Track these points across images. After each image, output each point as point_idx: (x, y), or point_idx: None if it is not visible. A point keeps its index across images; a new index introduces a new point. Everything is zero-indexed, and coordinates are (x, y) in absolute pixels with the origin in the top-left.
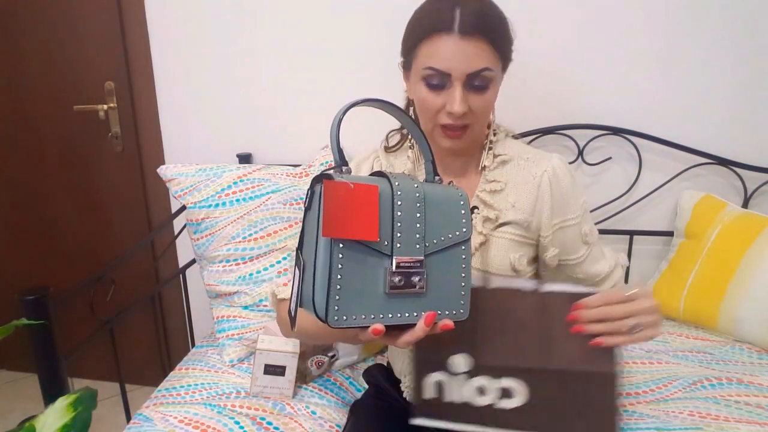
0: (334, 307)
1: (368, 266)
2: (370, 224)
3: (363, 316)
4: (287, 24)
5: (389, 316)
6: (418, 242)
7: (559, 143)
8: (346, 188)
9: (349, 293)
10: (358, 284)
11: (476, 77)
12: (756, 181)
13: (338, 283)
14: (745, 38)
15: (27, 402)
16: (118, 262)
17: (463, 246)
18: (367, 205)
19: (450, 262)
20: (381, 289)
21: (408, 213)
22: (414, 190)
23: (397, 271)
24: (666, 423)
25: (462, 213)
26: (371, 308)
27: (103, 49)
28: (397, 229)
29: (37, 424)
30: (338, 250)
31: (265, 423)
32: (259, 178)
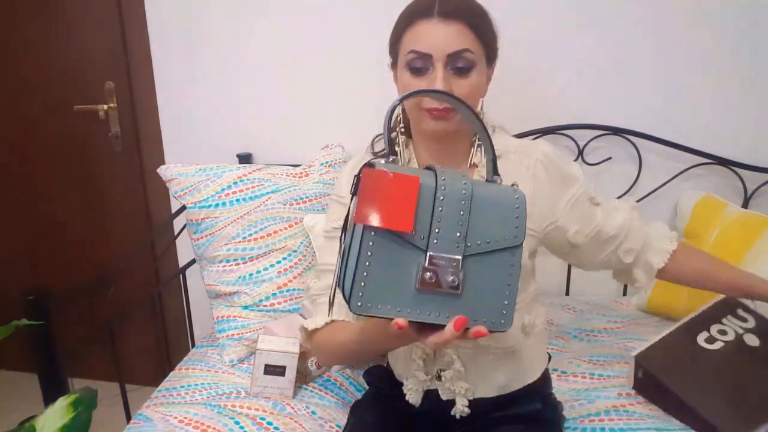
0: (359, 293)
1: (401, 259)
2: (405, 215)
3: (388, 307)
4: (287, 24)
5: (417, 313)
6: (458, 241)
7: (559, 143)
8: (385, 177)
9: (377, 282)
10: (388, 274)
11: (457, 58)
12: (756, 181)
13: (366, 270)
14: (745, 38)
15: (27, 402)
16: (118, 263)
17: (513, 253)
18: (406, 196)
19: (495, 267)
20: (412, 284)
21: (450, 210)
22: (461, 187)
23: (430, 268)
24: (666, 423)
25: (516, 218)
26: (398, 301)
27: (103, 49)
28: (435, 225)
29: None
30: (369, 238)
31: (265, 423)
32: (259, 178)
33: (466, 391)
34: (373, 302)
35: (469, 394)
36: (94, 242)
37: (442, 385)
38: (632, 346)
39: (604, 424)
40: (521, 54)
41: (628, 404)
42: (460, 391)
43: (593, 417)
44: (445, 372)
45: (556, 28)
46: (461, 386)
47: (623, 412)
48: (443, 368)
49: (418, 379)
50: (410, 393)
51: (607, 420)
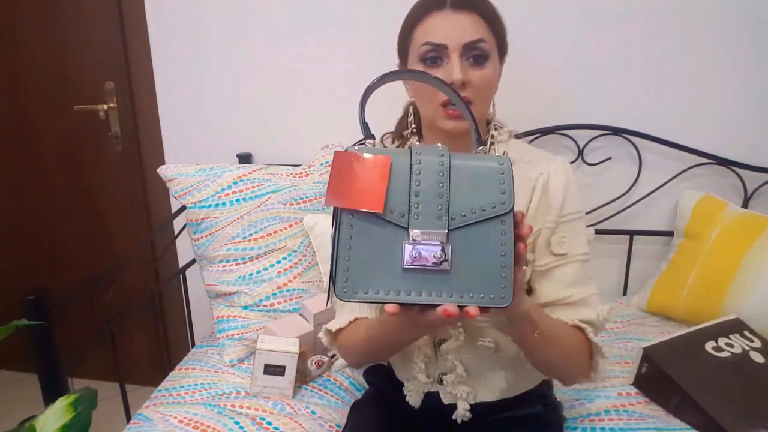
0: (343, 278)
1: (384, 239)
2: (376, 195)
3: (377, 291)
4: (287, 24)
5: (407, 295)
6: (440, 215)
7: (559, 143)
8: (357, 159)
9: (361, 265)
10: (372, 257)
11: (473, 48)
12: (756, 181)
13: (347, 254)
14: (745, 38)
15: (27, 402)
16: (118, 262)
17: (503, 220)
18: (377, 176)
19: (485, 238)
20: (398, 265)
21: (429, 184)
22: (438, 160)
23: (413, 245)
24: (666, 423)
25: (501, 184)
26: (386, 284)
27: (103, 49)
28: (414, 201)
29: (37, 424)
30: (347, 221)
31: (265, 423)
32: (259, 178)
33: (468, 396)
34: (360, 287)
35: (471, 398)
36: (94, 242)
37: (444, 389)
38: (632, 346)
39: (604, 423)
40: (521, 54)
41: (629, 404)
42: (462, 395)
43: (593, 417)
44: (446, 376)
45: (555, 28)
46: (463, 390)
47: (623, 412)
48: (445, 372)
49: (419, 381)
50: (411, 395)
51: (607, 420)
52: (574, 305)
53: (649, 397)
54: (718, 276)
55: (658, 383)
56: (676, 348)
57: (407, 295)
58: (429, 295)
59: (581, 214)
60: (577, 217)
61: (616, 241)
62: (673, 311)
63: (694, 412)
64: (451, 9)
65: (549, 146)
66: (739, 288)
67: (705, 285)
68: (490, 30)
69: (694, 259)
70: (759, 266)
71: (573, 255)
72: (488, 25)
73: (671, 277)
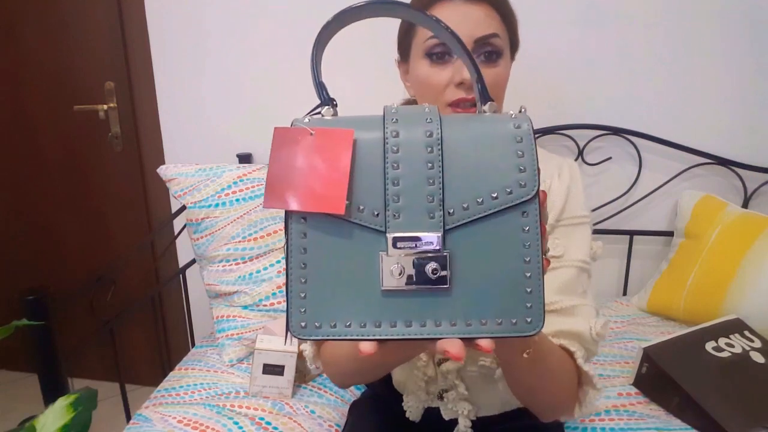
0: (299, 309)
1: (354, 250)
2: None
3: (347, 324)
4: (287, 24)
5: (391, 327)
6: (431, 209)
7: (559, 143)
8: (304, 137)
9: (323, 290)
10: (337, 277)
11: (485, 44)
12: (756, 181)
13: (302, 275)
14: (745, 38)
15: (27, 402)
16: (118, 262)
17: (525, 210)
18: (334, 160)
19: (498, 237)
20: (375, 286)
21: (412, 165)
22: (423, 129)
23: (395, 256)
24: (666, 423)
25: (518, 156)
26: (360, 313)
27: (103, 49)
28: (393, 192)
29: (37, 424)
30: (299, 229)
31: (264, 423)
32: (259, 178)
33: (469, 413)
34: (323, 319)
35: (472, 414)
36: (94, 242)
37: (444, 405)
38: (632, 346)
39: (604, 423)
40: (521, 53)
41: (629, 404)
42: (463, 413)
43: (593, 417)
44: (447, 393)
45: (555, 28)
46: (464, 407)
47: (623, 412)
48: (446, 389)
49: (418, 398)
50: (410, 410)
51: (607, 420)
52: (560, 313)
53: (649, 397)
54: (718, 276)
55: (658, 383)
56: (676, 348)
57: (390, 326)
58: (422, 325)
59: (585, 219)
60: (580, 222)
61: (616, 241)
62: (673, 311)
63: (694, 412)
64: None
65: (549, 146)
66: (739, 288)
67: (705, 285)
68: (504, 24)
69: (694, 259)
70: (759, 266)
71: (568, 260)
72: (501, 18)
73: (671, 277)
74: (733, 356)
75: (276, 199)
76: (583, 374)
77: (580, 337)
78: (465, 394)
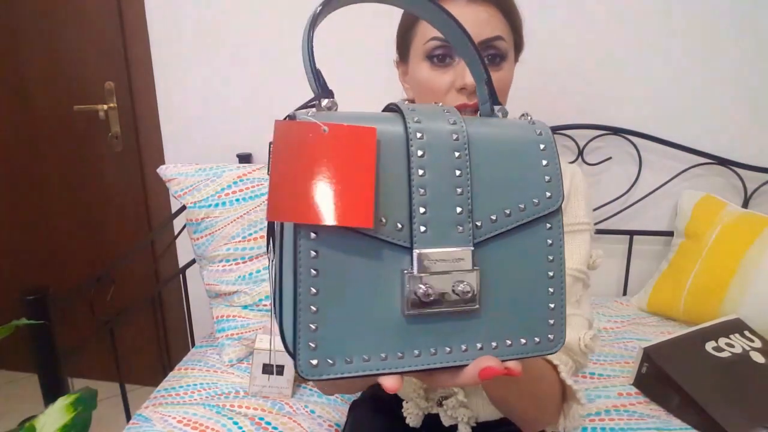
0: (309, 344)
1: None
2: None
3: (365, 359)
4: (287, 24)
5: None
6: (460, 222)
7: (559, 143)
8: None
9: (337, 320)
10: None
11: (489, 46)
12: (756, 181)
13: (313, 303)
14: (745, 38)
15: (27, 402)
16: (118, 262)
17: (549, 223)
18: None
19: (524, 252)
20: (396, 309)
21: (439, 171)
22: (449, 129)
23: (422, 276)
24: (666, 423)
25: (543, 165)
26: (379, 344)
27: (103, 49)
28: (419, 202)
29: (37, 424)
30: (308, 247)
31: (264, 423)
32: (259, 177)
33: (469, 419)
34: (337, 354)
35: (472, 421)
36: (94, 242)
37: (444, 412)
38: (632, 346)
39: (604, 423)
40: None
41: (629, 404)
42: (463, 419)
43: (593, 417)
44: (447, 400)
45: (555, 29)
46: (464, 414)
47: (624, 412)
48: (445, 396)
49: (417, 405)
50: (410, 417)
51: (607, 420)
52: None
53: (649, 397)
54: (718, 276)
55: (658, 383)
56: (676, 348)
57: (414, 356)
58: (448, 352)
59: (585, 227)
60: (579, 229)
61: (616, 241)
62: (673, 311)
63: (694, 412)
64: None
65: None
66: (739, 288)
67: (705, 285)
68: (509, 25)
69: (694, 259)
70: (759, 266)
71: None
72: (506, 19)
73: (671, 277)
74: (733, 356)
75: (284, 211)
76: (567, 389)
77: (568, 349)
78: (464, 401)
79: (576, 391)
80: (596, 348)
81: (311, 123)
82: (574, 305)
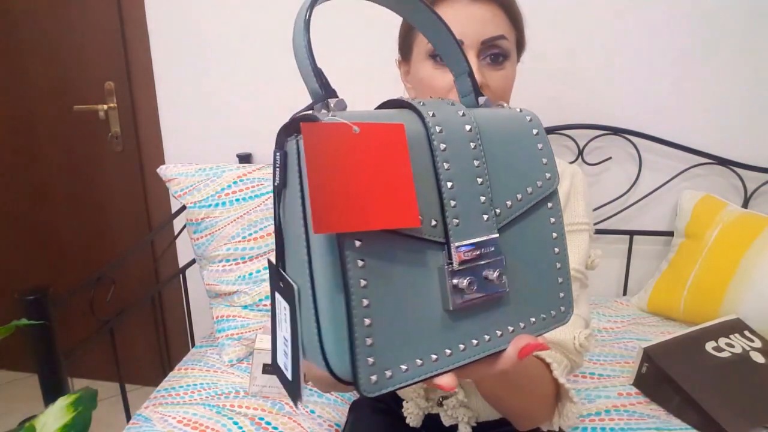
0: (367, 360)
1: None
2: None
3: (419, 362)
4: (287, 24)
5: (460, 351)
6: (485, 210)
7: (559, 143)
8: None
9: (390, 330)
10: (401, 308)
11: (492, 46)
12: (756, 181)
13: (366, 315)
14: (745, 38)
15: (27, 402)
16: (118, 262)
17: (550, 203)
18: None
19: (535, 232)
20: (437, 306)
21: (461, 164)
22: (461, 121)
23: (462, 269)
24: (666, 423)
25: (539, 147)
26: (430, 344)
27: (103, 49)
28: (448, 196)
29: (37, 424)
30: (355, 255)
31: (264, 423)
32: (259, 177)
33: (469, 419)
34: (393, 365)
35: (472, 421)
36: (94, 242)
37: (444, 411)
38: (632, 346)
39: (604, 423)
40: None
41: (629, 404)
42: (463, 419)
43: (593, 417)
44: (447, 400)
45: (554, 29)
46: (464, 414)
47: (624, 412)
48: (445, 396)
49: (417, 405)
50: (410, 417)
51: (607, 420)
52: None
53: (649, 397)
54: (718, 276)
55: (658, 383)
56: (676, 348)
57: (461, 351)
58: (488, 340)
59: (583, 227)
60: (578, 228)
61: (616, 241)
62: (673, 311)
63: (694, 412)
64: None
65: None
66: (739, 288)
67: (705, 285)
68: (511, 24)
69: (694, 259)
70: (759, 266)
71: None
72: (509, 18)
73: (671, 277)
74: (733, 356)
75: (335, 221)
76: (561, 388)
77: (563, 347)
78: (464, 401)
79: (568, 389)
80: (591, 347)
81: (340, 124)
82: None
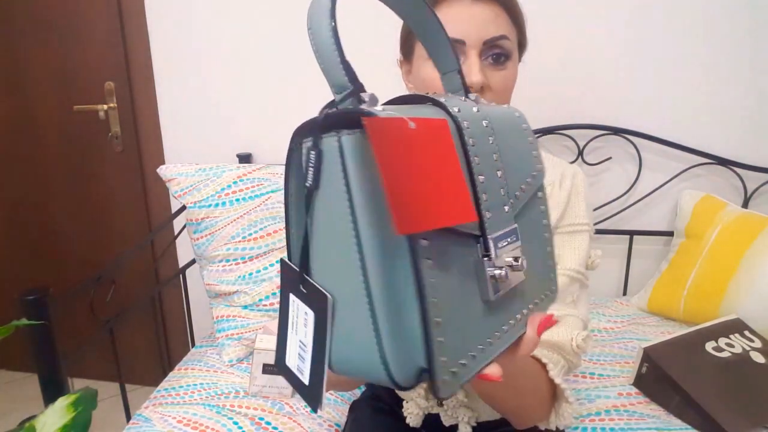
0: (442, 360)
1: (460, 264)
2: (458, 193)
3: (472, 356)
4: (287, 23)
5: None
6: (505, 202)
7: (559, 143)
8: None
9: (453, 328)
10: (456, 304)
11: (494, 46)
12: (756, 181)
13: (437, 314)
14: (745, 38)
15: (27, 402)
16: (118, 262)
17: (540, 192)
18: (442, 157)
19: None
20: (478, 299)
21: (486, 158)
22: (479, 117)
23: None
24: (666, 423)
25: (530, 140)
26: (478, 335)
27: (103, 49)
28: (481, 189)
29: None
30: (425, 252)
31: (264, 423)
32: (259, 177)
33: (469, 419)
34: (455, 362)
35: (472, 421)
36: (94, 242)
37: (444, 412)
38: (632, 346)
39: (604, 423)
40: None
41: (629, 404)
42: (463, 419)
43: (593, 417)
44: (447, 400)
45: (554, 29)
46: (464, 414)
47: (624, 412)
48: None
49: (417, 405)
50: (410, 416)
51: (607, 420)
52: None
53: (649, 397)
54: (718, 276)
55: (658, 383)
56: (676, 348)
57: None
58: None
59: (584, 228)
60: (578, 230)
61: (616, 241)
62: (673, 311)
63: (694, 412)
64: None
65: (549, 146)
66: (739, 288)
67: (705, 285)
68: (513, 24)
69: (694, 259)
70: (759, 266)
71: (561, 268)
72: (511, 18)
73: (671, 277)
74: (733, 356)
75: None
76: (557, 389)
77: (560, 348)
78: (464, 401)
79: (564, 389)
80: (588, 349)
81: (398, 119)
82: (570, 305)
